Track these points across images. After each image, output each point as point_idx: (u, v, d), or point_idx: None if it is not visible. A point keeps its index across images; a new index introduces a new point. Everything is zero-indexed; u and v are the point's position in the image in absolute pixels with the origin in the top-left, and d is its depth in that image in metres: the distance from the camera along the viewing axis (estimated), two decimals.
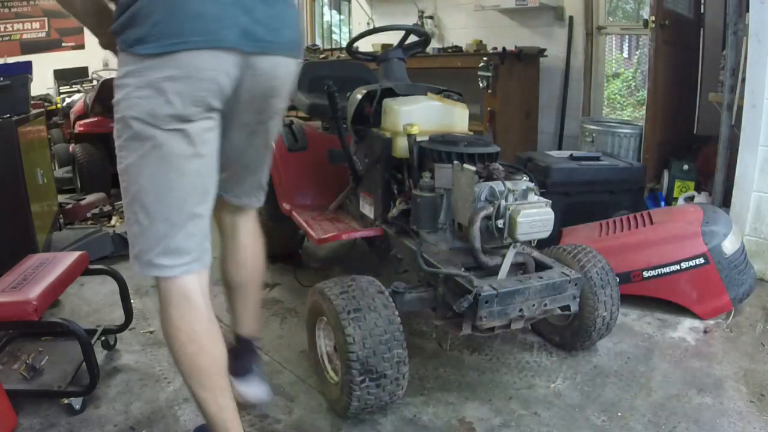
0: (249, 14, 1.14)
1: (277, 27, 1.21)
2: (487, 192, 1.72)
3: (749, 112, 2.66)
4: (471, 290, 1.58)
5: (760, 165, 2.64)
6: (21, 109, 2.72)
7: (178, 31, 1.08)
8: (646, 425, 1.65)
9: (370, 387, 1.54)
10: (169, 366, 2.00)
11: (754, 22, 2.60)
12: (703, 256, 2.27)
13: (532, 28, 4.59)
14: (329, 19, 7.07)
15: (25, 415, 1.70)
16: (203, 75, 1.12)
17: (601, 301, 1.91)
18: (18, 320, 1.63)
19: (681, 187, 3.44)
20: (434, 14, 5.26)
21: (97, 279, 2.52)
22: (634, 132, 3.69)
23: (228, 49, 1.12)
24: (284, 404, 1.78)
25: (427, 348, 2.10)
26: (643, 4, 4.32)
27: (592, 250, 2.03)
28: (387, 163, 2.11)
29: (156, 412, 1.74)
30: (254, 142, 1.39)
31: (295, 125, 2.82)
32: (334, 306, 1.58)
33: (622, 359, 2.01)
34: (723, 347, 2.09)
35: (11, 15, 8.37)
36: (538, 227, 1.66)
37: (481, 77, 4.06)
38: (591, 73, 4.40)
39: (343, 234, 2.26)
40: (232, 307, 1.63)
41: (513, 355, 2.05)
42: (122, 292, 2.06)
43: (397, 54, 2.42)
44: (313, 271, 2.88)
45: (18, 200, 2.52)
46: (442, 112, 2.12)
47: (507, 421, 1.68)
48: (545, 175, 2.95)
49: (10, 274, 1.81)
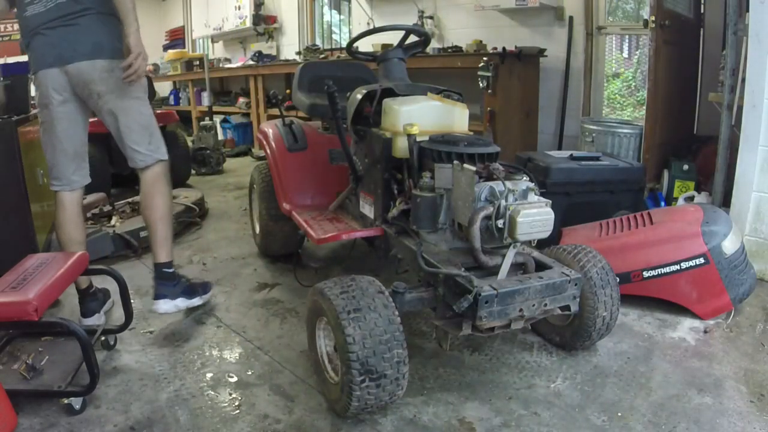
0: (55, 48, 2.07)
1: (72, 47, 2.07)
2: (487, 192, 1.72)
3: (749, 112, 2.66)
4: (471, 290, 1.58)
5: (760, 165, 2.64)
6: (21, 109, 2.73)
7: (33, 63, 2.14)
8: (646, 425, 1.65)
9: (370, 387, 1.53)
10: (169, 366, 2.01)
11: (754, 22, 2.60)
12: (703, 256, 2.27)
13: (532, 28, 4.60)
14: (329, 19, 7.07)
15: (25, 415, 1.70)
16: (45, 82, 2.11)
17: (601, 301, 1.91)
18: (18, 320, 1.63)
19: (681, 187, 3.44)
20: (434, 14, 5.26)
21: (97, 279, 2.51)
22: (634, 132, 3.69)
23: (50, 66, 2.10)
24: (284, 404, 1.78)
25: (427, 348, 2.10)
26: (643, 4, 4.32)
27: (592, 250, 2.03)
28: (387, 163, 2.11)
29: (156, 412, 1.74)
30: (102, 116, 2.21)
31: (295, 125, 2.83)
32: (334, 306, 1.58)
33: (622, 359, 2.01)
34: (723, 347, 2.09)
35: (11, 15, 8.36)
36: (538, 227, 1.66)
37: (481, 77, 4.06)
38: (591, 73, 4.40)
39: (343, 234, 2.26)
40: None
41: (513, 355, 2.05)
42: (122, 292, 2.06)
43: (397, 54, 2.42)
44: (313, 271, 2.89)
45: (18, 200, 2.52)
46: (442, 112, 2.12)
47: (507, 421, 1.68)
48: (545, 175, 2.95)
49: (10, 274, 1.81)
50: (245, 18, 7.21)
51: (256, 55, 6.97)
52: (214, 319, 2.38)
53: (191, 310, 2.45)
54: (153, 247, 2.31)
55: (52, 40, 2.06)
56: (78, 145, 2.23)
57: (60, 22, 2.05)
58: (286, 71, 6.32)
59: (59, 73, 2.10)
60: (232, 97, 7.57)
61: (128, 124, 2.19)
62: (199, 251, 3.25)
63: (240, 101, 7.15)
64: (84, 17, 2.06)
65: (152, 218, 2.28)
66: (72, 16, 2.05)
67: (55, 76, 2.10)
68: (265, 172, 2.86)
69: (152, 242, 2.31)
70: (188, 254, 3.20)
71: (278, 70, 6.49)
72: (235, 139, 7.00)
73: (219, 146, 5.82)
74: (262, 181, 2.86)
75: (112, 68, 2.10)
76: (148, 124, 2.25)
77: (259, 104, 6.59)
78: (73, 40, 2.06)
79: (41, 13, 2.05)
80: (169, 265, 2.32)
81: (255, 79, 6.57)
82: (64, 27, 2.05)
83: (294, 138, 2.76)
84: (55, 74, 2.10)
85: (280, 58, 7.06)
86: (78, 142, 2.23)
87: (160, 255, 2.29)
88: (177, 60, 8.03)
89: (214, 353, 2.11)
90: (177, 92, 8.75)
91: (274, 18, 7.23)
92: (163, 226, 2.29)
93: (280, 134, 2.79)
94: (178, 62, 7.96)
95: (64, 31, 2.06)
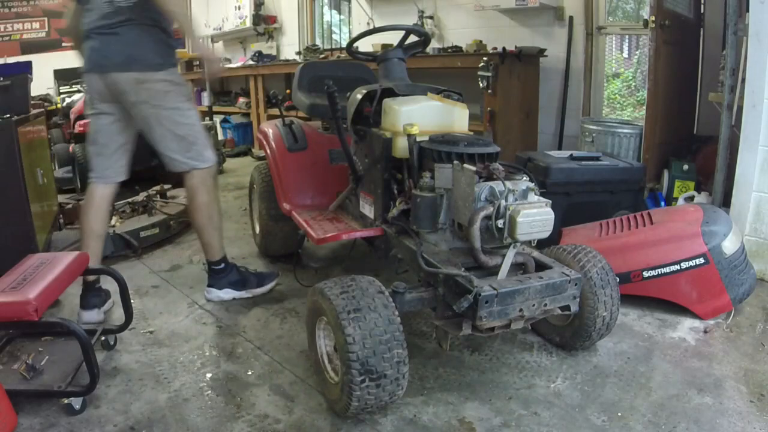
0: (96, 54, 2.17)
1: (108, 57, 2.15)
2: (487, 192, 1.72)
3: (749, 112, 2.66)
4: (471, 290, 1.58)
5: (760, 165, 2.64)
6: (21, 109, 2.73)
7: (82, 64, 2.25)
8: (646, 425, 1.65)
9: (370, 387, 1.53)
10: (169, 366, 2.01)
11: (754, 22, 2.60)
12: (703, 256, 2.27)
13: (532, 28, 4.60)
14: (329, 19, 7.07)
15: (25, 415, 1.70)
16: (88, 84, 2.26)
17: (601, 301, 1.91)
18: (18, 320, 1.63)
19: (681, 187, 3.44)
20: (434, 14, 5.26)
21: None
22: (634, 132, 3.69)
23: (90, 71, 2.21)
24: (284, 404, 1.78)
25: (427, 348, 2.10)
26: (643, 4, 4.31)
27: (592, 250, 2.03)
28: (387, 163, 2.11)
29: (156, 412, 1.74)
30: (137, 123, 2.29)
31: (295, 125, 2.82)
32: (334, 306, 1.58)
33: (622, 359, 2.01)
34: (723, 347, 2.09)
35: (11, 15, 8.37)
36: (538, 227, 1.66)
37: (481, 77, 4.06)
38: (591, 73, 4.40)
39: (343, 234, 2.26)
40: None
41: (513, 355, 2.05)
42: (122, 292, 2.06)
43: (397, 54, 2.42)
44: (313, 271, 2.88)
45: (18, 200, 2.52)
46: (442, 112, 2.12)
47: (507, 421, 1.68)
48: (545, 175, 2.95)
49: (10, 274, 1.81)
50: (245, 18, 7.20)
51: (256, 55, 6.97)
52: (214, 319, 2.38)
53: (191, 310, 2.46)
54: (202, 246, 2.52)
55: (95, 45, 2.16)
56: (116, 144, 2.31)
57: (103, 30, 2.13)
58: (286, 71, 6.31)
59: (98, 78, 2.19)
60: (232, 97, 7.56)
61: (162, 134, 2.25)
62: (199, 251, 3.22)
63: (240, 101, 7.14)
64: (124, 27, 2.12)
65: (195, 224, 2.47)
66: (113, 26, 2.12)
67: (94, 81, 2.21)
68: (265, 172, 2.86)
69: (200, 242, 2.52)
70: (188, 254, 3.20)
71: (278, 70, 6.49)
72: (235, 139, 7.00)
73: (219, 146, 5.81)
74: (262, 181, 2.86)
75: (144, 80, 2.16)
76: (186, 134, 2.28)
77: (259, 104, 6.59)
78: (110, 50, 2.14)
79: (93, 20, 2.15)
80: (217, 263, 2.51)
81: (255, 79, 6.57)
82: (105, 35, 2.14)
83: (294, 138, 2.76)
84: (95, 79, 2.20)
85: (280, 58, 7.05)
86: (115, 142, 2.31)
87: (206, 255, 2.52)
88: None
89: (214, 353, 2.11)
90: None
91: (274, 18, 7.22)
92: (205, 232, 2.44)
93: (280, 134, 2.78)
94: (178, 62, 7.95)
95: (105, 39, 2.14)
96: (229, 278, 2.53)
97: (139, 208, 3.53)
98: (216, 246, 2.48)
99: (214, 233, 2.45)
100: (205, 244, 2.47)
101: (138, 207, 3.54)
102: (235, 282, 2.54)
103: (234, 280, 2.53)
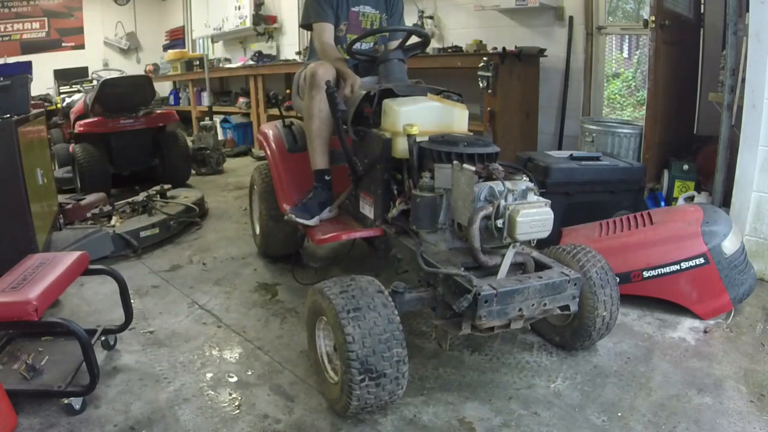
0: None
1: None
2: (486, 192, 1.72)
3: (749, 112, 2.66)
4: (470, 290, 1.58)
5: (760, 165, 2.64)
6: (21, 109, 2.72)
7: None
8: (646, 425, 1.65)
9: (370, 386, 1.54)
10: (169, 366, 2.01)
11: (754, 22, 2.60)
12: (703, 256, 2.27)
13: (532, 28, 4.59)
14: None
15: (25, 415, 1.70)
16: None
17: (601, 301, 1.91)
18: (18, 320, 1.63)
19: (681, 187, 3.43)
20: (434, 14, 5.26)
21: (97, 279, 2.52)
22: (634, 132, 3.69)
23: None
24: (284, 404, 1.78)
25: (427, 348, 2.10)
26: (643, 4, 4.31)
27: (592, 250, 2.03)
28: (387, 164, 2.11)
29: (156, 412, 1.74)
30: None
31: (295, 126, 2.83)
32: (334, 305, 1.58)
33: (622, 359, 2.01)
34: (723, 347, 2.09)
35: (11, 15, 8.38)
36: (538, 227, 1.66)
37: (481, 77, 4.06)
38: (591, 73, 4.40)
39: (343, 234, 2.26)
40: None
41: (513, 355, 2.05)
42: (122, 292, 2.07)
43: (397, 55, 2.42)
44: (313, 271, 2.89)
45: (18, 200, 2.52)
46: (441, 112, 2.12)
47: (507, 421, 1.68)
48: (545, 175, 2.95)
49: (10, 274, 1.81)
50: (245, 18, 7.21)
51: (256, 55, 6.98)
52: (214, 319, 2.38)
53: (191, 310, 2.46)
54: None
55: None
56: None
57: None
58: (286, 71, 6.31)
59: None
60: (232, 97, 7.57)
61: None
62: (199, 251, 3.25)
63: (240, 101, 7.15)
64: None
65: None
66: None
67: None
68: (265, 172, 2.87)
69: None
70: (188, 254, 3.20)
71: (278, 70, 6.49)
72: (235, 139, 7.00)
73: (219, 146, 5.81)
74: (262, 181, 2.86)
75: None
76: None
77: (259, 104, 6.59)
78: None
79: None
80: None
81: (255, 79, 6.57)
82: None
83: (294, 139, 2.76)
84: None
85: (280, 58, 7.05)
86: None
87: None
88: (177, 60, 8.04)
89: (214, 353, 2.11)
90: (177, 92, 8.75)
91: (274, 18, 7.23)
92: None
93: (280, 135, 2.79)
94: (178, 62, 7.96)
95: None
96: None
97: (139, 208, 3.53)
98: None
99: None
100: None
101: (138, 207, 3.54)
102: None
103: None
